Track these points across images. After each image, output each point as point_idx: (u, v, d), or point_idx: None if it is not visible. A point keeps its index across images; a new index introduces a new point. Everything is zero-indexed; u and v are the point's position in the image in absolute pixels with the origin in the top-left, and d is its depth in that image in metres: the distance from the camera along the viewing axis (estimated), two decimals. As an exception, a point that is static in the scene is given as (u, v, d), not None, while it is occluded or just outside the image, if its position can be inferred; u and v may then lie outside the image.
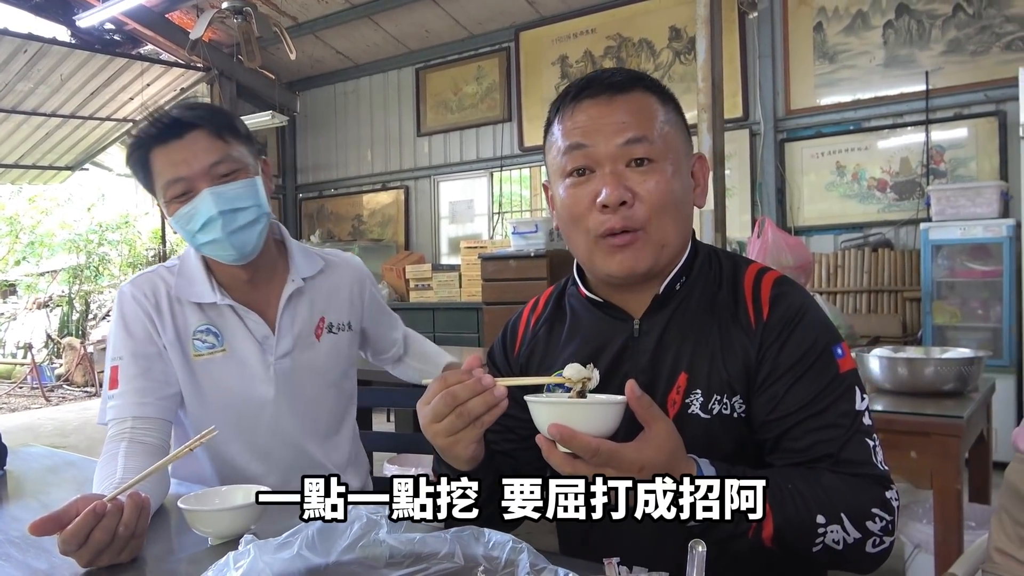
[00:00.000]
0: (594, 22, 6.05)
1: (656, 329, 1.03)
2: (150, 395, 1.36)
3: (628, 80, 1.01)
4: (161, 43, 6.96)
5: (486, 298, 4.90)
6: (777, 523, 0.86)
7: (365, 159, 7.55)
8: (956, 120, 4.68)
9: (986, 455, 2.41)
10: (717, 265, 1.07)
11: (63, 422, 6.66)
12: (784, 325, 0.97)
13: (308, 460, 1.50)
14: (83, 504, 0.96)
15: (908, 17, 4.79)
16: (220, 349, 1.42)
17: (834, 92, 5.05)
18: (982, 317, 4.26)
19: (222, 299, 1.42)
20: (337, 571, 0.82)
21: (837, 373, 0.96)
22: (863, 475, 0.92)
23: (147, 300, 1.41)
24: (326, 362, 1.52)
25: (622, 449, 0.80)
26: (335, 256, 1.61)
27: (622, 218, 0.97)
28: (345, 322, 1.56)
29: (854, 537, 0.88)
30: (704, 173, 1.08)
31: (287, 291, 1.46)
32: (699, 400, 0.99)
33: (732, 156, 5.23)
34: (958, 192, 4.23)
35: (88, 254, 10.01)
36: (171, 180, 1.32)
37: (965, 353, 2.22)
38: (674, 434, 0.84)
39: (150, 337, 1.40)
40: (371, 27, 6.75)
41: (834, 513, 0.88)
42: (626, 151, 0.97)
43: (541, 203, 6.33)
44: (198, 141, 1.32)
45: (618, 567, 0.82)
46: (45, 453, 1.72)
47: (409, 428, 3.53)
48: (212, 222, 1.32)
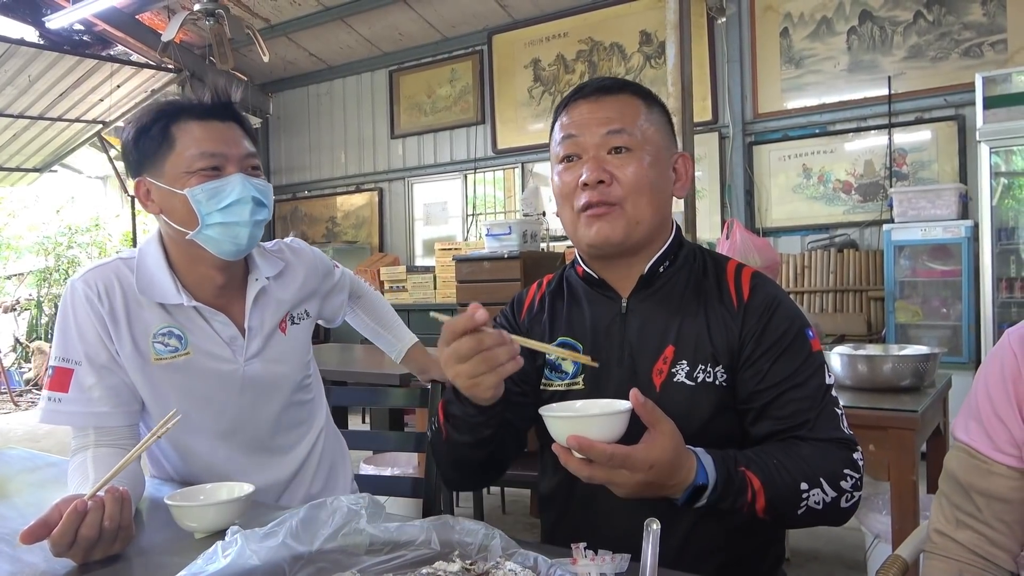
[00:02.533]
0: (566, 26, 6.12)
1: (643, 307, 1.17)
2: (107, 404, 1.32)
3: (617, 85, 1.17)
4: (131, 44, 6.91)
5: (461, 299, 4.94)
6: (768, 496, 0.99)
7: (339, 161, 7.56)
8: (917, 124, 4.81)
9: (942, 448, 2.49)
10: (701, 258, 1.21)
11: (33, 427, 6.58)
12: (764, 309, 1.12)
13: (275, 454, 1.50)
14: (65, 506, 0.98)
15: (871, 23, 4.91)
16: (184, 352, 1.37)
17: (800, 96, 5.17)
18: (943, 315, 4.40)
19: (188, 300, 1.36)
20: (320, 558, 0.86)
21: (811, 351, 1.11)
22: (833, 439, 1.06)
23: (100, 303, 1.33)
24: (291, 355, 1.51)
25: (633, 452, 0.89)
26: (289, 253, 1.58)
27: (599, 194, 1.11)
28: (303, 311, 1.56)
29: (831, 496, 1.01)
30: (687, 169, 1.21)
31: (252, 291, 1.44)
32: (685, 369, 1.11)
33: (702, 159, 5.33)
34: (919, 194, 4.36)
35: (57, 257, 9.86)
36: (208, 152, 1.31)
37: (921, 350, 2.31)
38: (676, 431, 0.93)
39: (102, 342, 1.33)
40: (344, 29, 6.76)
41: (814, 478, 1.01)
42: (607, 140, 1.12)
43: (515, 205, 6.38)
44: (235, 130, 1.37)
45: (584, 551, 0.87)
46: (24, 455, 1.73)
47: (385, 427, 3.57)
48: (242, 204, 1.31)
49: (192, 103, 1.35)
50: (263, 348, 1.45)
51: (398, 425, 3.67)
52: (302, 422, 1.56)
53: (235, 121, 1.38)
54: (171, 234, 1.37)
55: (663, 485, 0.93)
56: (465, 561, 0.85)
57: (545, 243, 5.20)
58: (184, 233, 1.33)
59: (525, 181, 6.33)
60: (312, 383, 1.62)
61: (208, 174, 1.31)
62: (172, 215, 1.34)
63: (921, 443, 2.14)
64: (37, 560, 1.03)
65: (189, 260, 1.38)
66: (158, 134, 1.32)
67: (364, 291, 1.84)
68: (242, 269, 1.45)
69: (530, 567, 0.83)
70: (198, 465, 1.44)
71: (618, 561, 0.86)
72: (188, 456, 1.44)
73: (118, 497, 1.01)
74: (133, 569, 1.01)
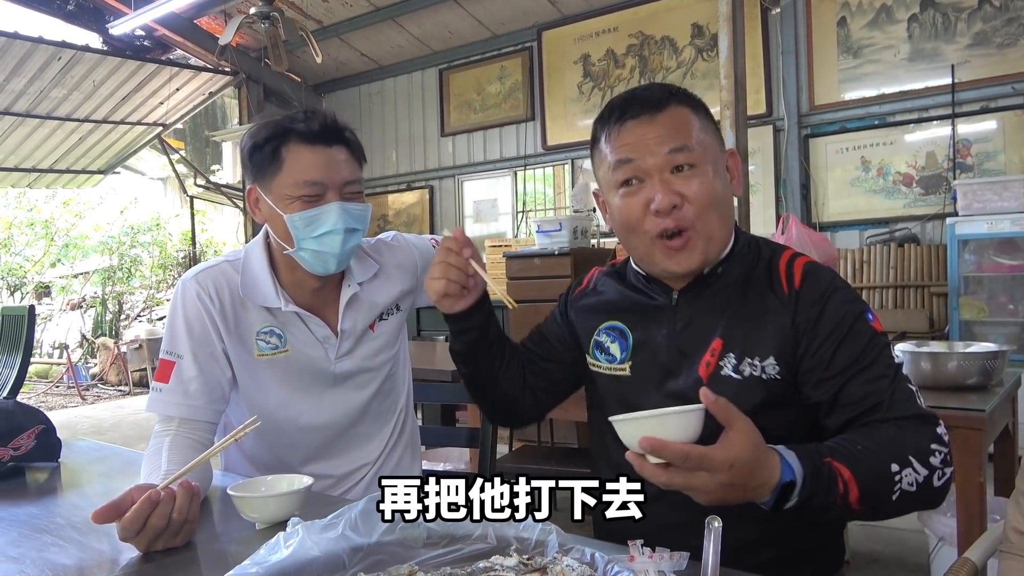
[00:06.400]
0: (616, 20, 6.07)
1: (693, 300, 1.17)
2: (201, 398, 1.39)
3: (664, 97, 1.13)
4: (190, 48, 7.10)
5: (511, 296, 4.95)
6: (861, 485, 0.93)
7: (390, 159, 7.64)
8: (983, 113, 4.64)
9: (1011, 449, 2.40)
10: (756, 249, 1.19)
11: (99, 420, 6.82)
12: (819, 297, 1.09)
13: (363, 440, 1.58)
14: (138, 493, 1.02)
15: (933, 10, 4.76)
16: (283, 350, 1.47)
17: (858, 87, 5.03)
18: (1010, 312, 4.23)
19: (286, 305, 1.45)
20: (378, 550, 0.87)
21: (875, 332, 1.07)
22: (913, 416, 1.01)
23: (211, 301, 1.43)
24: (381, 350, 1.59)
25: (711, 451, 0.85)
26: (386, 253, 1.64)
27: (675, 219, 1.09)
28: (395, 307, 1.62)
29: (923, 475, 0.95)
30: (736, 166, 1.20)
31: (345, 296, 1.51)
32: (732, 363, 1.10)
33: (755, 152, 5.24)
34: (985, 186, 4.20)
35: (120, 256, 10.20)
36: (310, 181, 1.37)
37: (989, 347, 2.23)
38: (753, 429, 0.89)
39: (210, 338, 1.42)
40: (395, 29, 6.83)
41: (903, 457, 0.95)
42: (670, 160, 1.09)
43: (564, 201, 6.36)
44: (341, 154, 1.41)
45: (641, 548, 0.86)
46: (93, 446, 1.80)
47: (437, 423, 3.59)
48: (334, 234, 1.38)
49: (302, 128, 1.38)
50: (354, 347, 1.54)
51: (450, 421, 3.69)
52: (388, 409, 1.64)
53: (343, 145, 1.42)
54: (274, 241, 1.47)
55: (746, 486, 0.88)
56: (522, 556, 0.86)
57: (596, 239, 5.17)
58: (283, 247, 1.43)
59: (575, 177, 6.30)
60: (398, 371, 1.66)
61: (308, 201, 1.38)
62: (274, 228, 1.44)
63: (988, 444, 2.07)
64: (104, 548, 1.07)
65: (288, 266, 1.47)
66: (269, 153, 1.39)
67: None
68: (338, 274, 1.52)
69: (587, 563, 0.82)
70: (289, 451, 1.52)
71: (676, 559, 0.85)
72: (281, 441, 1.51)
73: (189, 491, 1.04)
74: (197, 557, 1.03)
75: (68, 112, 7.12)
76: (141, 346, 8.59)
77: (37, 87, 6.57)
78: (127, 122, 7.65)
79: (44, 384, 8.74)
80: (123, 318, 10.02)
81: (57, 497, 1.40)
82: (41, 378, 9.08)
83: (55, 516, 1.24)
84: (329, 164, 1.39)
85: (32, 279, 10.50)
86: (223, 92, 7.78)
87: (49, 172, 8.16)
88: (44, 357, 9.75)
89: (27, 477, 1.51)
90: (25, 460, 1.53)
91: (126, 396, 8.09)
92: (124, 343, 8.84)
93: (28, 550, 1.07)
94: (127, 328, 9.76)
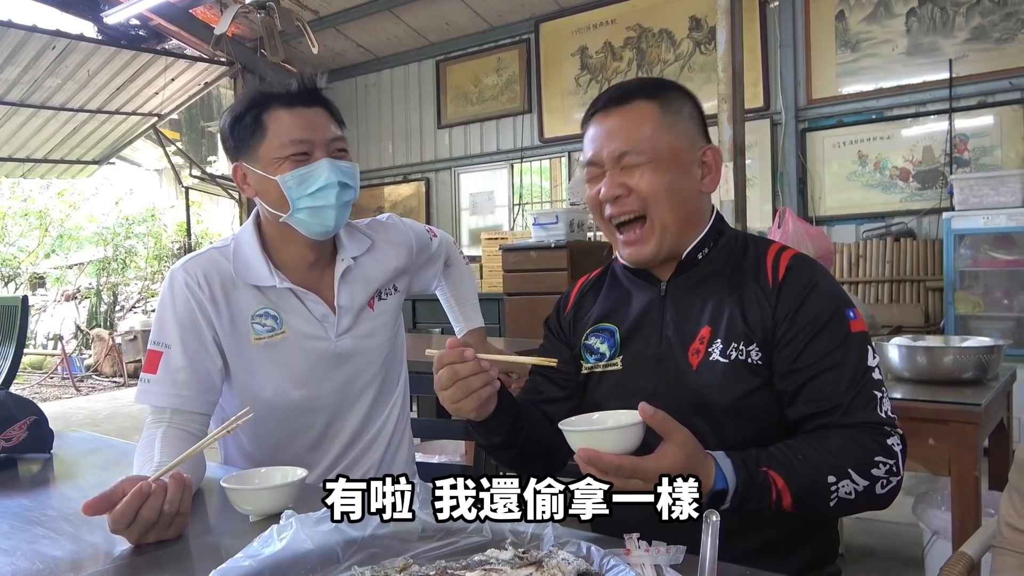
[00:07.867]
0: (614, 13, 6.05)
1: (681, 291, 1.20)
2: (190, 388, 1.37)
3: (628, 93, 1.18)
4: (185, 38, 7.06)
5: (507, 289, 4.94)
6: (794, 494, 0.99)
7: (386, 151, 7.61)
8: (980, 108, 4.64)
9: (1006, 443, 2.41)
10: (743, 244, 1.22)
11: (93, 411, 6.81)
12: (800, 290, 1.12)
13: (367, 426, 1.56)
14: (129, 485, 1.01)
15: (931, 5, 4.75)
16: (280, 332, 1.44)
17: (856, 81, 5.02)
18: (1006, 307, 4.24)
19: (281, 282, 1.44)
20: (373, 543, 0.87)
21: (850, 332, 1.10)
22: (867, 424, 1.05)
23: (201, 289, 1.40)
24: (380, 329, 1.57)
25: (642, 463, 0.90)
26: (380, 230, 1.63)
27: (620, 205, 1.16)
28: (392, 286, 1.61)
29: (863, 485, 1.01)
30: (716, 161, 1.21)
31: (339, 270, 1.50)
32: (719, 348, 1.13)
33: (753, 146, 5.22)
34: (981, 181, 4.19)
35: (115, 247, 10.18)
36: (297, 139, 1.38)
37: (984, 342, 2.23)
38: (691, 439, 0.94)
39: (199, 328, 1.40)
40: (392, 20, 6.80)
41: (842, 470, 1.00)
42: (617, 159, 1.16)
43: (561, 194, 6.35)
44: (322, 115, 1.43)
45: (638, 541, 0.86)
46: (86, 438, 1.79)
47: (433, 415, 3.59)
48: (329, 188, 1.38)
49: (280, 92, 1.41)
50: (353, 324, 1.51)
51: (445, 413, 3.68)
52: (389, 393, 1.63)
53: (322, 106, 1.43)
54: (266, 215, 1.46)
55: None
56: (518, 549, 0.85)
57: (592, 232, 5.16)
58: (278, 215, 1.42)
59: (572, 170, 6.29)
60: (396, 357, 1.66)
61: (297, 160, 1.38)
62: (266, 198, 1.43)
63: (983, 438, 2.07)
64: (98, 540, 1.06)
65: (282, 239, 1.46)
66: (251, 122, 1.40)
67: (455, 261, 1.87)
68: (331, 248, 1.52)
69: (583, 556, 0.82)
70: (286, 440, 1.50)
71: (673, 552, 0.85)
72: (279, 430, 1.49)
73: (180, 483, 1.03)
74: (189, 549, 1.03)
75: (62, 102, 7.08)
76: (136, 337, 8.57)
77: (31, 76, 6.52)
78: (122, 112, 7.60)
79: (38, 375, 8.71)
80: (118, 309, 10.00)
81: (49, 489, 1.39)
82: (35, 369, 9.06)
83: (47, 508, 1.23)
84: (313, 123, 1.40)
85: (26, 270, 10.47)
86: (219, 82, 7.73)
87: (43, 162, 8.12)
88: (38, 348, 9.73)
89: (19, 468, 1.50)
90: (17, 451, 1.52)
91: (121, 387, 8.07)
92: (119, 334, 8.82)
93: (19, 542, 1.06)
94: (122, 319, 9.73)
